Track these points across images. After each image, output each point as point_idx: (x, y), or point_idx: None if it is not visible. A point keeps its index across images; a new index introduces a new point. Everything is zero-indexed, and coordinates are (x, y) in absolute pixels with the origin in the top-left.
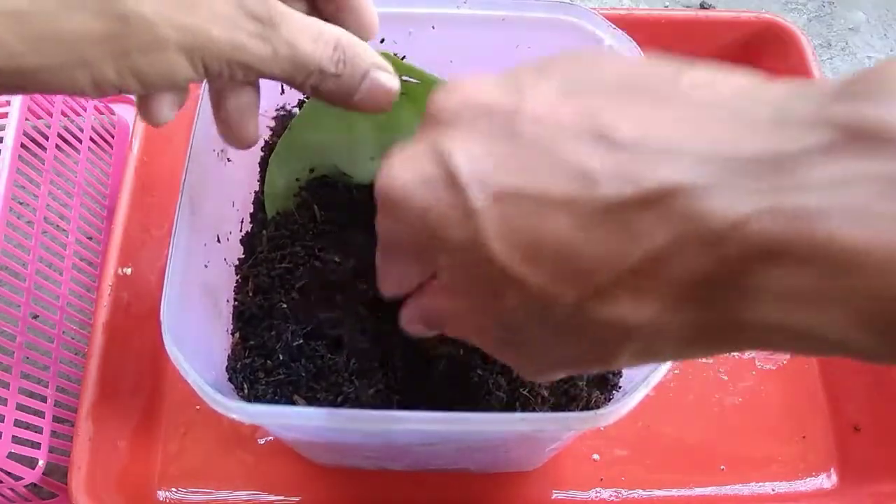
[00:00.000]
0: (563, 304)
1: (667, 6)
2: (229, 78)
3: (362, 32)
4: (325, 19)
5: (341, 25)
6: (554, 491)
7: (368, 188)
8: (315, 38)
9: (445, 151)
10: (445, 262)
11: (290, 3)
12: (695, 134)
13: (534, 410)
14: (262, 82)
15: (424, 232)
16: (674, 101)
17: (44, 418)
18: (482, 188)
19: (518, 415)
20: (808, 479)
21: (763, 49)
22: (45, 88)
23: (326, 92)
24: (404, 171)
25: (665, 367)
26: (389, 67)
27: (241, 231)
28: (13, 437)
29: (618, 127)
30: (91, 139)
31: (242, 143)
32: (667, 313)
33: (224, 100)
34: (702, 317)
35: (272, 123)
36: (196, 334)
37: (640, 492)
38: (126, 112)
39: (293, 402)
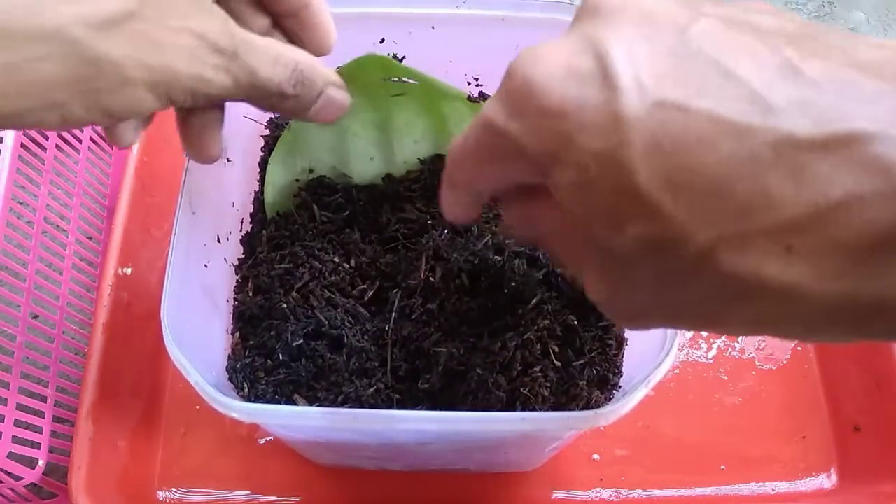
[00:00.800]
0: (692, 246)
1: None
2: (192, 105)
3: (321, 47)
4: (286, 33)
5: (301, 39)
6: (554, 491)
7: (368, 188)
8: (274, 62)
9: (604, 46)
10: (567, 177)
11: (252, 18)
12: (889, 84)
13: (534, 410)
14: None
15: (553, 136)
16: (860, 51)
17: (44, 418)
18: (641, 94)
19: (518, 414)
20: (808, 479)
21: None
22: (11, 127)
23: (284, 109)
24: (550, 60)
25: (665, 367)
26: (342, 83)
27: (240, 231)
28: (13, 437)
29: (806, 60)
30: (91, 139)
31: (205, 159)
32: (818, 279)
33: (187, 118)
34: (861, 288)
35: (267, 128)
36: (196, 334)
37: (640, 492)
38: None
39: (293, 402)
